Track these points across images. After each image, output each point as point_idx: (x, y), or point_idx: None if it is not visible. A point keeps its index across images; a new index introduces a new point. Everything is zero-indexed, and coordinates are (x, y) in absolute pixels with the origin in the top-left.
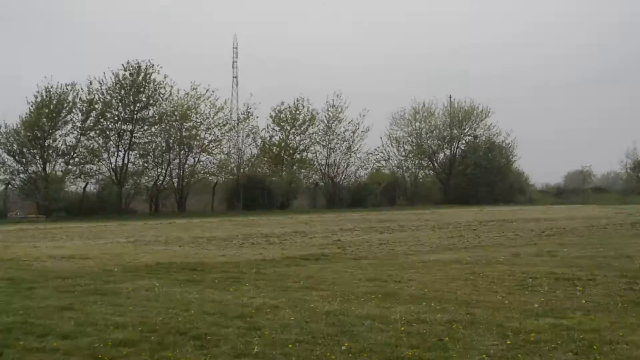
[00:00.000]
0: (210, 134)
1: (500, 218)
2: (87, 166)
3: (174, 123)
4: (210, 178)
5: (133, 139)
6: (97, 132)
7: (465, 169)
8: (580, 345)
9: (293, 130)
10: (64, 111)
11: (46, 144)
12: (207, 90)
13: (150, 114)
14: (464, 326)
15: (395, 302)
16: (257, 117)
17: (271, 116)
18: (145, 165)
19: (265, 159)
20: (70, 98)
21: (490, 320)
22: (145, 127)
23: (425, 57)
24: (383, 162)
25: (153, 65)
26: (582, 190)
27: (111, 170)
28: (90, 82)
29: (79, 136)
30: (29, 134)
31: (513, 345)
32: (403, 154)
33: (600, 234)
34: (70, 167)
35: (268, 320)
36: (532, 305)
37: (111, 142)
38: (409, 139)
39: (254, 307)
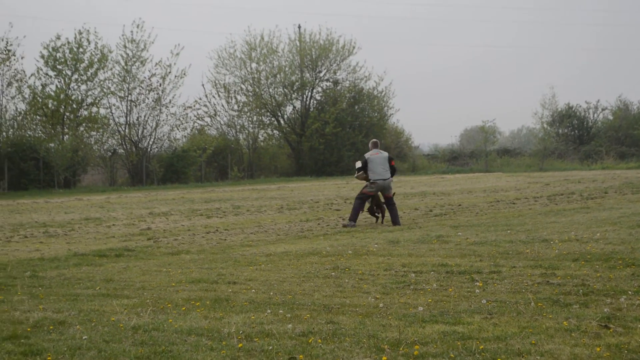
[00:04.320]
0: None
1: None
2: None
3: None
4: None
5: None
6: None
7: (323, 128)
8: (480, 359)
9: (76, 76)
10: None
11: None
12: None
13: None
14: (324, 339)
15: (229, 311)
16: (23, 58)
17: (43, 56)
18: None
19: (38, 117)
20: None
21: (359, 330)
22: None
23: None
24: (208, 120)
25: None
26: (484, 154)
27: None
28: None
29: None
30: None
31: None
32: (235, 107)
33: (508, 211)
34: None
35: (51, 341)
36: (415, 309)
37: None
38: (243, 86)
39: (30, 324)
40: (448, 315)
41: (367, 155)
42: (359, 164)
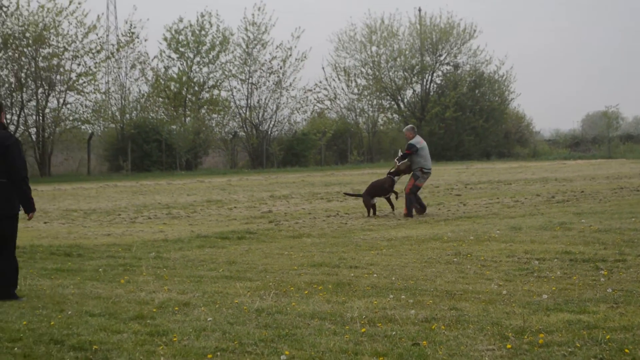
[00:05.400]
0: (79, 65)
1: (494, 178)
2: None
3: (25, 49)
4: (83, 127)
5: None
6: None
7: (443, 112)
8: (606, 349)
9: (198, 59)
10: None
11: None
12: (70, 2)
13: None
14: (448, 325)
15: (351, 295)
16: (146, 40)
17: (165, 39)
18: None
19: (161, 99)
20: None
21: (482, 318)
22: None
23: None
24: (328, 103)
25: None
26: (607, 140)
27: None
28: None
29: None
30: None
31: (515, 351)
32: (355, 90)
33: (632, 198)
34: None
35: (176, 322)
36: (539, 297)
37: None
38: (363, 69)
39: (155, 305)
40: (573, 304)
41: (417, 143)
42: (399, 152)
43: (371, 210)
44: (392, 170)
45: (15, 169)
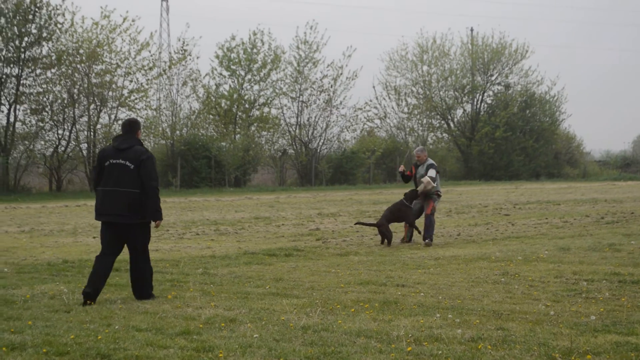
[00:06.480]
0: (131, 81)
1: (543, 199)
2: None
3: (78, 65)
4: None
5: (21, 88)
6: None
7: (494, 132)
8: None
9: (249, 77)
10: None
11: None
12: (124, 19)
13: (44, 53)
14: (494, 345)
15: (398, 314)
16: (198, 58)
17: (217, 56)
18: (41, 125)
19: (211, 116)
20: None
21: (529, 338)
22: (38, 72)
23: None
24: (377, 122)
25: None
26: None
27: None
28: None
29: None
30: None
31: None
32: (405, 110)
33: None
34: None
35: (223, 338)
36: (587, 318)
37: None
38: (414, 88)
39: (202, 321)
40: (621, 326)
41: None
42: (433, 173)
43: (387, 240)
44: (411, 193)
45: (150, 181)
